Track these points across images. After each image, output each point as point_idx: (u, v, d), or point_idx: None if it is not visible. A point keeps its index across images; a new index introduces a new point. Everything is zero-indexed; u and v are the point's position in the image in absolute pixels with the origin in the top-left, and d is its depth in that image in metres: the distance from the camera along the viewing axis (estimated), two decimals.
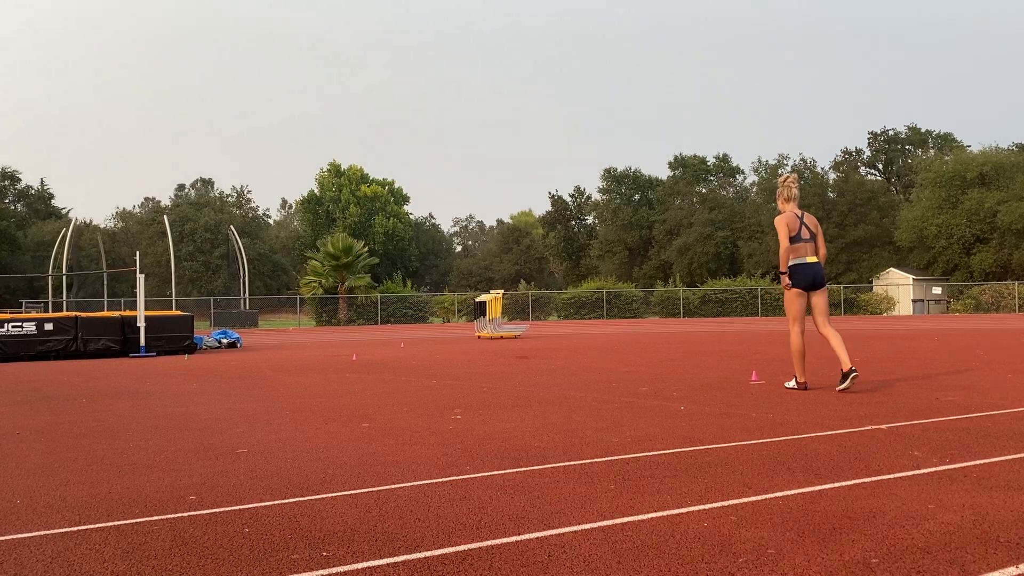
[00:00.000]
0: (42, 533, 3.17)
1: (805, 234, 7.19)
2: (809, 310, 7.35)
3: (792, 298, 7.30)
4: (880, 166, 71.81)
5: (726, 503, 3.36)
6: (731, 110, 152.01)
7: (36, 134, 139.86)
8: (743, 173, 74.00)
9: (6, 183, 79.42)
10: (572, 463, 4.26)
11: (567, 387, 8.21)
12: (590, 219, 79.45)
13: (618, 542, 2.86)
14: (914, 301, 52.19)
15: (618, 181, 73.99)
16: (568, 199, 79.27)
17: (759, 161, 70.62)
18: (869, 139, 70.89)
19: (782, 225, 7.18)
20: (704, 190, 71.16)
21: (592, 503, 3.40)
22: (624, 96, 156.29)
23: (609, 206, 73.79)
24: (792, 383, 7.51)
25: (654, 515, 3.20)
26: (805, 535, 2.89)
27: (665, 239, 67.88)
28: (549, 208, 79.59)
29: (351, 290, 49.26)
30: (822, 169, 67.30)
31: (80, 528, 3.23)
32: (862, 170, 69.91)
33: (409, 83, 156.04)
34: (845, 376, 6.97)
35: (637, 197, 73.56)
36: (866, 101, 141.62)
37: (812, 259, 7.18)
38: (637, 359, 12.31)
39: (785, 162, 67.78)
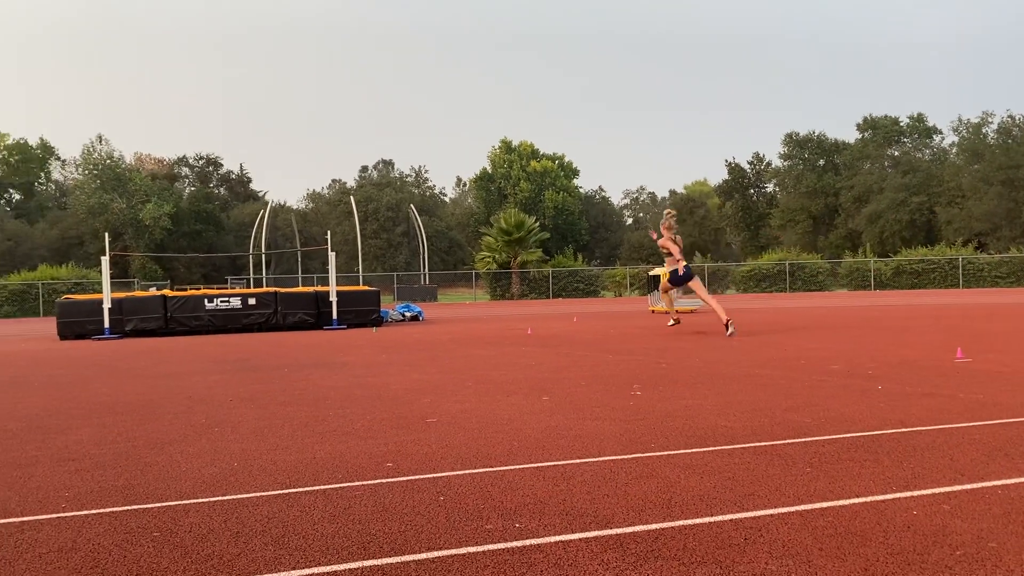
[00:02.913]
0: (258, 494, 3.44)
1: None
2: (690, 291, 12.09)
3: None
4: None
5: (936, 490, 3.13)
6: (926, 64, 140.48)
7: (235, 124, 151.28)
8: (941, 133, 68.41)
9: (211, 168, 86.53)
10: (762, 444, 4.11)
11: (750, 364, 7.94)
12: (770, 187, 76.23)
13: (819, 528, 2.73)
14: None
15: (800, 146, 70.48)
16: (746, 166, 76.42)
17: (959, 120, 64.95)
18: None
19: (673, 246, 12.23)
20: (897, 153, 66.44)
21: (787, 486, 3.27)
22: (806, 54, 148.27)
23: (791, 172, 70.46)
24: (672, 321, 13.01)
25: (856, 500, 3.03)
26: None
27: (853, 206, 64.09)
28: (726, 176, 77.07)
29: (523, 264, 50.00)
30: None
31: (290, 491, 3.48)
32: None
33: (576, 57, 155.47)
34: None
35: (822, 162, 69.78)
36: None
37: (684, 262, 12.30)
38: (826, 334, 11.72)
39: (990, 120, 61.96)
